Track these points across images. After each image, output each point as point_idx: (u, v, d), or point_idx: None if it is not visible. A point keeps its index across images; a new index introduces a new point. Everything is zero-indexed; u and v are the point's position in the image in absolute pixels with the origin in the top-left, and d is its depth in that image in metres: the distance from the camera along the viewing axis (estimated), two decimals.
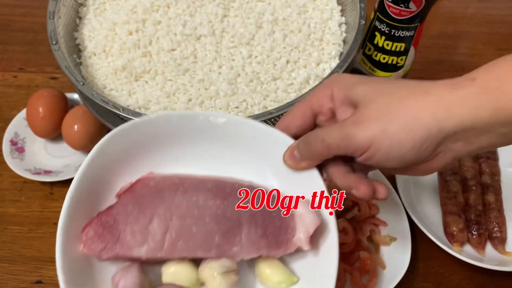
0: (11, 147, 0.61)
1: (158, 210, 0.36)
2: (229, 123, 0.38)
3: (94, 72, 0.51)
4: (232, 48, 0.53)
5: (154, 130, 0.39)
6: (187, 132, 0.39)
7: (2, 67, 0.72)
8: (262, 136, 0.38)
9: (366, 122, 0.33)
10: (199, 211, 0.36)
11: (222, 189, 0.37)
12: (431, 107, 0.31)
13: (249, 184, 0.38)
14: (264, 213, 0.36)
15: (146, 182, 0.37)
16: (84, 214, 0.36)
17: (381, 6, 0.51)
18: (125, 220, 0.35)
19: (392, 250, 0.52)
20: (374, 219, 0.55)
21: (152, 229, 0.35)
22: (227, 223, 0.36)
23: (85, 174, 0.36)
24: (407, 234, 0.52)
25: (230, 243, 0.35)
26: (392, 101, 0.32)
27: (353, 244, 0.52)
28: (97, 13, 0.56)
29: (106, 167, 0.38)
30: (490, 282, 0.53)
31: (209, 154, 0.40)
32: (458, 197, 0.56)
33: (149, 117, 0.39)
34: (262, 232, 0.36)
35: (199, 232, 0.35)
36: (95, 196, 0.37)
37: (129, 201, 0.36)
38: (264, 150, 0.38)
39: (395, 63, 0.55)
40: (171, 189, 0.37)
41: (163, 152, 0.39)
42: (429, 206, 0.58)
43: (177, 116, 0.39)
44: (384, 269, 0.51)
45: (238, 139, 0.39)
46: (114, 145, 0.38)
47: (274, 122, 0.49)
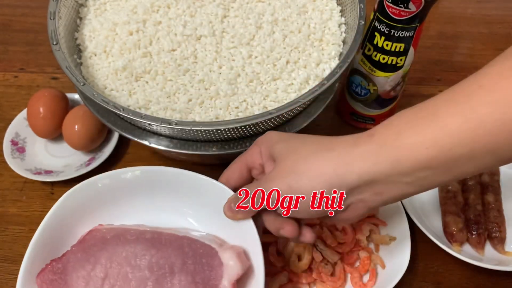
0: (11, 147, 0.61)
1: (101, 259, 0.41)
2: (180, 177, 0.45)
3: (94, 73, 0.51)
4: (232, 48, 0.53)
5: (106, 188, 0.46)
6: (140, 185, 0.46)
7: (3, 67, 0.72)
8: (206, 188, 0.44)
9: (276, 179, 0.36)
10: (136, 260, 0.41)
11: (158, 240, 0.42)
12: (333, 163, 0.34)
13: (183, 235, 0.43)
14: (195, 262, 0.41)
15: (94, 234, 0.43)
16: (45, 260, 0.42)
17: (380, 6, 0.51)
18: (73, 267, 0.41)
19: (392, 249, 0.52)
20: (374, 218, 0.55)
21: (94, 275, 0.41)
22: (160, 271, 0.40)
23: (46, 226, 0.43)
24: (407, 233, 0.52)
25: None
26: (299, 159, 0.36)
27: (352, 243, 0.52)
28: (98, 13, 0.56)
29: (66, 220, 0.44)
30: (489, 281, 0.53)
31: (158, 206, 0.47)
32: (458, 197, 0.56)
33: (99, 177, 0.46)
34: (192, 279, 0.40)
35: (134, 278, 0.40)
36: (56, 244, 0.43)
37: (78, 250, 0.42)
38: (207, 200, 0.44)
39: (395, 63, 0.55)
40: (114, 240, 0.42)
41: (115, 205, 0.46)
42: (428, 205, 0.58)
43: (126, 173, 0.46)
44: (384, 269, 0.51)
45: (186, 191, 0.46)
46: (71, 201, 0.45)
47: (274, 122, 0.49)
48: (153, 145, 0.49)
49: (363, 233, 0.53)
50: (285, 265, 0.51)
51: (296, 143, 0.37)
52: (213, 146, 0.49)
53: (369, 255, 0.52)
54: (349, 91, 0.62)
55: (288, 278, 0.50)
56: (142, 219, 0.46)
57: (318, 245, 0.51)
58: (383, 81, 0.57)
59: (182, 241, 0.43)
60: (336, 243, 0.52)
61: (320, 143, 0.36)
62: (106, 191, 0.46)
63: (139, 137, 0.50)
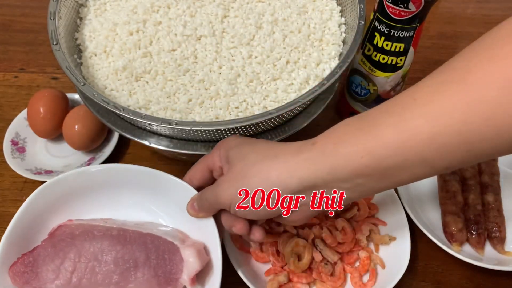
0: (12, 147, 0.61)
1: (69, 254, 0.44)
2: (147, 174, 0.48)
3: (94, 73, 0.52)
4: (232, 48, 0.53)
5: (75, 184, 0.48)
6: (107, 182, 0.49)
7: (3, 68, 0.72)
8: (172, 186, 0.47)
9: (227, 183, 0.40)
10: (102, 255, 0.44)
11: (123, 237, 0.45)
12: (277, 169, 0.36)
13: (147, 233, 0.46)
14: (158, 257, 0.45)
15: (63, 229, 0.46)
16: (17, 254, 0.44)
17: (380, 6, 0.51)
18: (43, 260, 0.44)
19: (392, 249, 0.52)
20: (374, 218, 0.55)
21: (63, 269, 0.44)
22: (125, 265, 0.44)
23: (18, 221, 0.45)
24: (407, 233, 0.52)
25: (126, 281, 0.44)
26: (248, 164, 0.38)
27: (352, 243, 0.52)
28: (98, 13, 0.56)
29: (37, 215, 0.47)
30: (489, 281, 0.53)
31: (126, 201, 0.49)
32: (458, 197, 0.56)
33: (68, 174, 0.48)
34: (154, 273, 0.44)
35: (100, 272, 0.44)
36: (29, 237, 0.46)
37: (48, 245, 0.45)
38: (173, 198, 0.47)
39: (395, 63, 0.55)
40: (82, 235, 0.45)
41: (84, 201, 0.49)
42: (428, 205, 0.58)
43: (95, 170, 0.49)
44: (384, 269, 0.51)
45: (153, 188, 0.48)
46: (42, 197, 0.47)
47: (274, 122, 0.49)
48: (153, 145, 0.49)
49: (363, 233, 0.53)
50: (285, 264, 0.51)
51: (247, 149, 0.40)
52: (213, 146, 0.49)
53: (369, 255, 0.52)
54: (349, 91, 0.62)
55: (288, 278, 0.50)
56: (111, 213, 0.49)
57: (318, 245, 0.51)
58: (383, 81, 0.57)
59: (146, 238, 0.46)
60: (336, 243, 0.52)
61: (268, 150, 0.39)
62: (75, 187, 0.48)
63: (139, 137, 0.50)
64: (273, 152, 0.38)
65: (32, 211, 0.47)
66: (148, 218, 0.50)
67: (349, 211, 0.54)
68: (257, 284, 0.48)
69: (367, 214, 0.55)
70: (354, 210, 0.54)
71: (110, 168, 0.49)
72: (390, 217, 0.55)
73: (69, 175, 0.48)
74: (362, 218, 0.54)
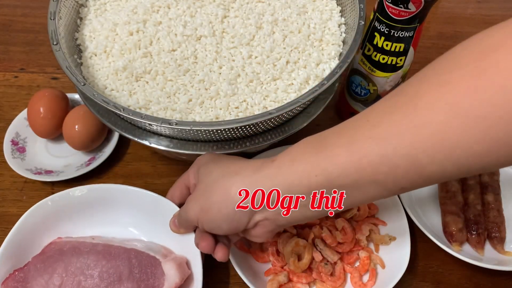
0: (12, 147, 0.61)
1: (57, 269, 0.46)
2: (131, 193, 0.51)
3: (95, 73, 0.52)
4: (232, 48, 0.53)
5: (63, 205, 0.51)
6: (94, 202, 0.51)
7: (3, 67, 0.73)
8: (155, 203, 0.50)
9: (193, 200, 0.42)
10: (88, 269, 0.47)
11: (108, 252, 0.48)
12: (236, 186, 0.37)
13: (131, 248, 0.48)
14: (141, 271, 0.47)
15: (53, 246, 0.49)
16: (10, 270, 0.47)
17: (380, 6, 0.51)
18: (33, 276, 0.46)
19: (392, 249, 0.52)
20: (374, 218, 0.55)
21: (51, 283, 0.46)
22: (109, 278, 0.46)
23: (11, 240, 0.48)
24: (407, 233, 0.52)
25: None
26: (210, 182, 0.40)
27: (352, 243, 0.52)
28: (98, 13, 0.56)
29: (28, 234, 0.49)
30: (489, 281, 0.53)
31: (113, 220, 0.52)
32: (457, 197, 0.56)
33: (55, 196, 0.51)
34: (137, 286, 0.46)
35: (86, 285, 0.46)
36: (22, 255, 0.48)
37: (38, 261, 0.47)
38: (156, 214, 0.50)
39: (395, 64, 0.55)
40: (69, 251, 0.48)
41: (73, 220, 0.51)
42: (428, 205, 0.58)
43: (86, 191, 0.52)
44: (384, 269, 0.51)
45: (137, 206, 0.51)
46: (32, 218, 0.50)
47: (274, 122, 0.49)
48: (153, 145, 0.49)
49: (363, 233, 0.53)
50: (285, 264, 0.51)
51: (212, 167, 0.41)
52: (213, 146, 0.50)
53: (368, 255, 0.52)
54: (349, 91, 0.62)
55: (288, 277, 0.50)
56: (98, 231, 0.52)
57: (318, 244, 0.51)
58: (383, 81, 0.57)
59: (129, 253, 0.48)
60: (336, 243, 0.52)
61: (230, 166, 0.40)
62: (63, 208, 0.51)
63: (139, 137, 0.50)
64: (235, 168, 0.39)
65: (24, 231, 0.49)
66: (134, 235, 0.53)
67: (349, 211, 0.54)
68: (257, 284, 0.48)
69: (367, 214, 0.55)
70: (354, 210, 0.54)
71: (89, 189, 0.52)
72: (390, 217, 0.55)
73: (58, 196, 0.51)
74: (362, 218, 0.54)
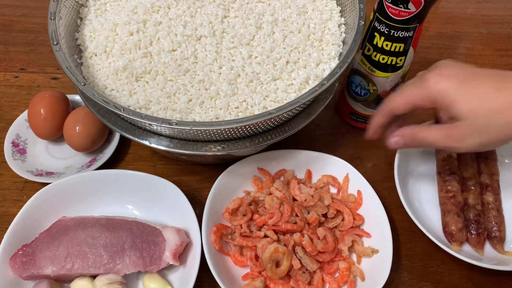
0: (12, 148, 0.61)
1: (63, 241, 0.49)
2: (128, 176, 0.55)
3: (95, 73, 0.52)
4: (232, 48, 0.53)
5: (67, 188, 0.54)
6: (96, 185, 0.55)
7: (4, 68, 0.73)
8: (151, 183, 0.54)
9: (470, 137, 0.42)
10: (93, 240, 0.49)
11: (111, 224, 0.51)
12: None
13: (133, 220, 0.52)
14: (143, 240, 0.50)
15: (58, 223, 0.52)
16: (17, 247, 0.49)
17: (380, 6, 0.51)
18: (40, 249, 0.49)
19: (374, 261, 0.51)
20: (358, 229, 0.54)
21: (58, 255, 0.48)
22: (113, 248, 0.49)
23: (19, 221, 0.51)
24: (389, 246, 0.51)
25: (115, 262, 0.49)
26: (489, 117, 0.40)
27: (334, 253, 0.52)
28: (98, 13, 0.56)
29: (35, 216, 0.52)
30: (488, 281, 0.53)
31: (113, 201, 0.55)
32: (457, 197, 0.56)
33: (60, 181, 0.54)
34: (140, 254, 0.49)
35: (91, 256, 0.48)
36: (28, 234, 0.51)
37: (45, 237, 0.50)
38: (152, 193, 0.54)
39: (394, 64, 0.55)
40: (74, 226, 0.51)
41: (76, 202, 0.54)
42: (428, 205, 0.58)
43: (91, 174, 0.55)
44: (363, 281, 0.50)
45: (134, 187, 0.54)
46: (39, 200, 0.53)
47: (274, 122, 0.49)
48: (154, 145, 0.49)
49: (345, 243, 0.52)
50: (262, 270, 0.50)
51: (483, 100, 0.40)
52: (213, 146, 0.50)
53: (348, 266, 0.50)
54: (349, 91, 0.62)
55: (265, 283, 0.49)
56: (102, 210, 0.55)
57: (298, 252, 0.50)
58: (383, 81, 0.57)
59: (131, 224, 0.51)
60: (316, 252, 0.50)
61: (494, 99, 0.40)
62: (67, 191, 0.54)
63: (140, 137, 0.50)
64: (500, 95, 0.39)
65: (31, 212, 0.52)
66: (132, 214, 0.56)
67: (333, 220, 0.54)
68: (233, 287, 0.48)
69: (351, 225, 0.54)
70: (338, 220, 0.53)
71: (99, 174, 0.55)
72: (375, 229, 0.54)
73: (60, 182, 0.54)
74: (346, 228, 0.54)
